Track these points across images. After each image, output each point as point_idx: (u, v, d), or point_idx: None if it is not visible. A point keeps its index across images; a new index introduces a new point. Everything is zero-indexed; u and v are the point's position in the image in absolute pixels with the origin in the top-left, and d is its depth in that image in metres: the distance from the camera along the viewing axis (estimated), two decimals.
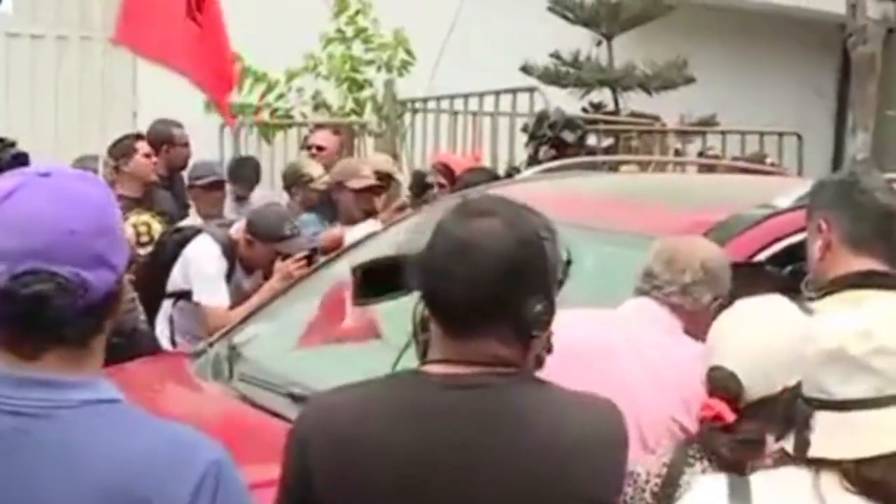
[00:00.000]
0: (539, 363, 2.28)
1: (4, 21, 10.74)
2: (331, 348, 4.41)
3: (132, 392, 1.91)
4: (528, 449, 2.12)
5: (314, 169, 7.07)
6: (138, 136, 7.64)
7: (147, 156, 7.05)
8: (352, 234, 5.94)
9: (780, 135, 10.25)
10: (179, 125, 7.91)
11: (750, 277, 3.28)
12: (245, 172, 7.81)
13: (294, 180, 7.10)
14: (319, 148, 7.91)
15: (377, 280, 2.42)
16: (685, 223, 3.72)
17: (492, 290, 2.12)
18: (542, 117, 6.76)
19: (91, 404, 1.73)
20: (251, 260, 5.48)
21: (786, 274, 3.36)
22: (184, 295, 5.34)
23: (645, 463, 2.62)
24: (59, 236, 1.72)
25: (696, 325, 3.17)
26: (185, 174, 7.50)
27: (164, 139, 7.61)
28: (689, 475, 2.50)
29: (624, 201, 4.28)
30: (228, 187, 7.43)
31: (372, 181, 6.28)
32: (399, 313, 2.46)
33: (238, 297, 5.30)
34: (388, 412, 2.18)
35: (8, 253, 1.72)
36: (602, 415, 2.18)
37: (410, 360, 2.35)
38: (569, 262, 2.28)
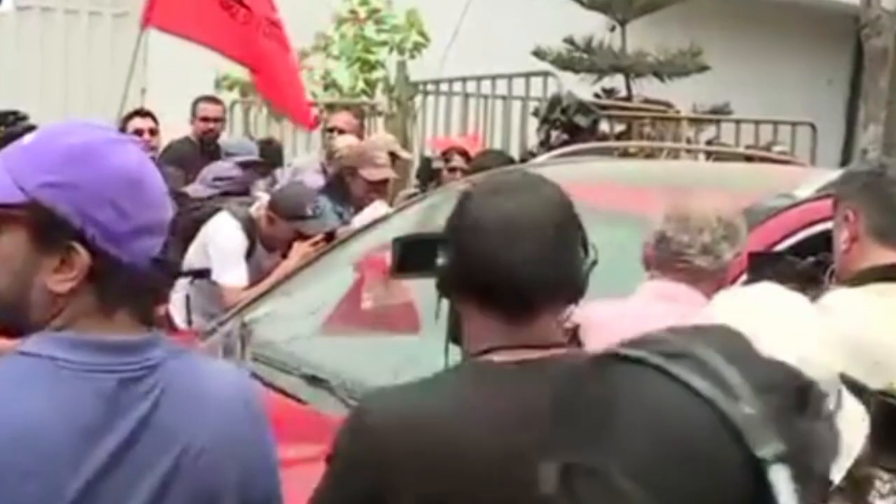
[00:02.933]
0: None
1: None
2: (344, 330, 4.37)
3: None
4: (635, 421, 2.07)
5: (338, 141, 7.12)
6: (136, 113, 7.64)
7: (138, 132, 7.05)
8: (361, 216, 5.90)
9: (794, 124, 10.21)
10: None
11: (771, 267, 3.23)
12: (268, 155, 7.82)
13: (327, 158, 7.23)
14: (342, 131, 7.87)
15: (416, 255, 2.37)
16: None
17: (558, 264, 2.05)
18: (555, 102, 6.73)
19: (174, 356, 1.76)
20: (271, 238, 5.44)
21: (810, 264, 3.31)
22: (201, 273, 5.30)
23: None
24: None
25: (719, 286, 3.11)
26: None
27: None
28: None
29: (644, 188, 4.23)
30: None
31: (388, 173, 6.22)
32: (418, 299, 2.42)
33: (258, 276, 5.26)
34: (484, 412, 1.98)
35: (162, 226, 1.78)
36: None
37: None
38: (594, 263, 2.21)
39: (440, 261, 2.10)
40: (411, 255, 2.38)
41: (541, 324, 2.05)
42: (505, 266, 2.01)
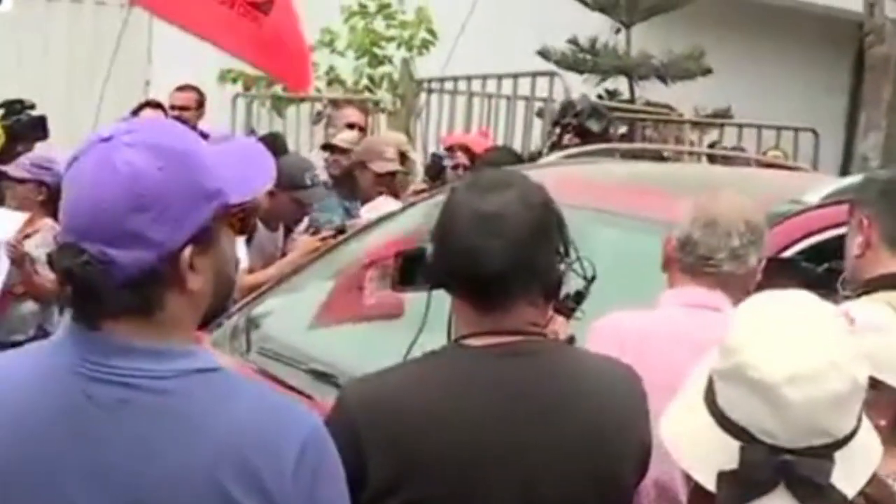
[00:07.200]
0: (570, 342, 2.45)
1: None
2: (351, 325, 4.38)
3: None
4: (587, 407, 2.21)
5: (344, 135, 7.17)
6: (147, 104, 7.63)
7: None
8: (368, 210, 5.91)
9: (796, 130, 10.20)
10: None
11: (785, 272, 3.23)
12: (273, 150, 7.78)
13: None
14: (350, 126, 7.86)
15: (418, 268, 2.42)
16: None
17: (526, 257, 2.19)
18: (568, 105, 6.73)
19: (190, 374, 1.71)
20: (272, 212, 5.40)
21: (822, 271, 3.31)
22: None
23: None
24: (90, 212, 1.68)
25: (745, 291, 3.06)
26: None
27: None
28: None
29: (654, 189, 4.24)
30: None
31: (395, 166, 6.23)
32: (419, 296, 2.49)
33: (262, 259, 5.23)
34: (446, 388, 2.19)
35: (62, 224, 1.74)
36: (627, 371, 2.31)
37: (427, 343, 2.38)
38: (593, 278, 2.40)
39: (427, 253, 2.28)
40: (414, 268, 2.44)
41: (515, 312, 2.21)
42: (474, 258, 2.18)
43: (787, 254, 3.55)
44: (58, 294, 1.75)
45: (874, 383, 2.18)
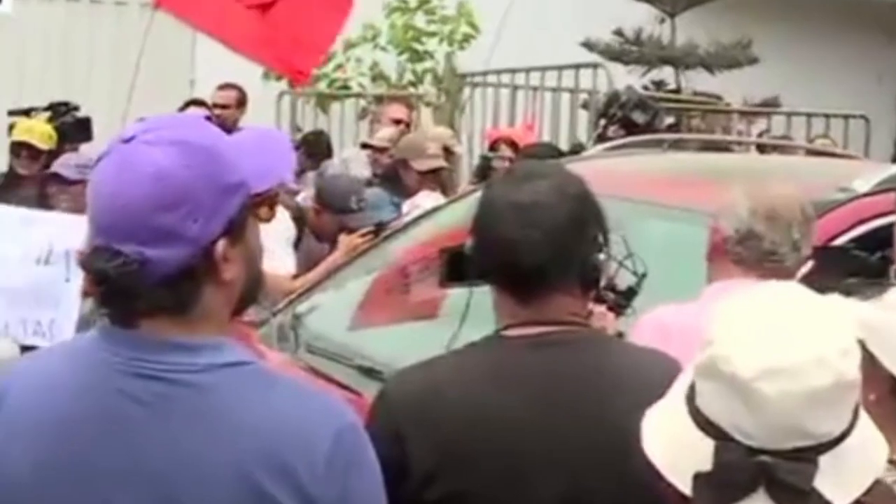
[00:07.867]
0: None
1: None
2: (398, 321, 4.37)
3: None
4: (623, 400, 2.15)
5: (382, 133, 7.17)
6: (192, 103, 7.68)
7: None
8: (412, 203, 5.92)
9: (847, 117, 10.08)
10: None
11: (837, 261, 3.18)
12: (318, 148, 7.86)
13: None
14: (397, 122, 7.90)
15: (465, 264, 2.43)
16: None
17: (564, 247, 2.19)
18: (613, 97, 6.68)
19: (224, 367, 1.71)
20: (319, 229, 5.54)
21: (875, 259, 3.26)
22: None
23: None
24: (117, 213, 1.68)
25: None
26: None
27: None
28: None
29: (703, 181, 4.20)
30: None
31: (439, 162, 6.24)
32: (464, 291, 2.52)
33: (308, 265, 5.31)
34: (485, 378, 2.19)
35: (90, 227, 1.73)
36: (671, 364, 2.24)
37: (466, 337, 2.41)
38: (644, 275, 2.46)
39: (467, 246, 2.29)
40: (459, 264, 2.45)
41: (554, 303, 2.21)
42: (511, 248, 2.19)
43: (838, 242, 3.51)
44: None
45: (871, 357, 2.11)
